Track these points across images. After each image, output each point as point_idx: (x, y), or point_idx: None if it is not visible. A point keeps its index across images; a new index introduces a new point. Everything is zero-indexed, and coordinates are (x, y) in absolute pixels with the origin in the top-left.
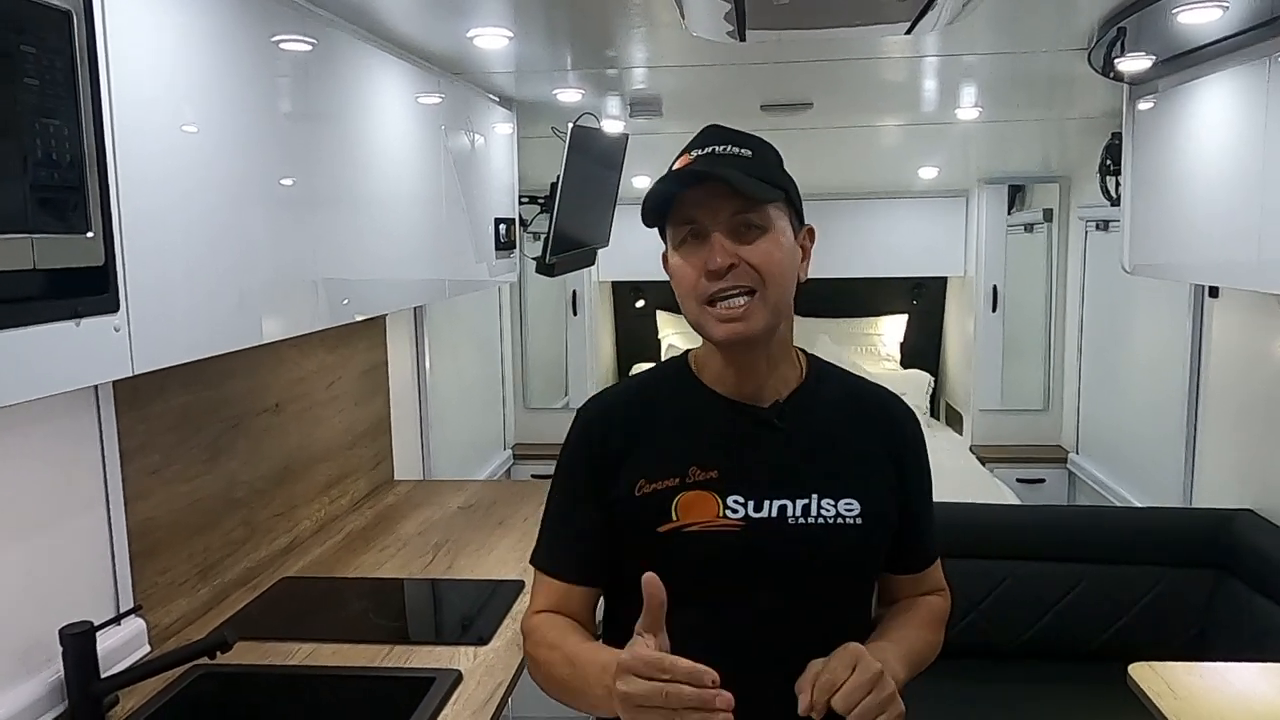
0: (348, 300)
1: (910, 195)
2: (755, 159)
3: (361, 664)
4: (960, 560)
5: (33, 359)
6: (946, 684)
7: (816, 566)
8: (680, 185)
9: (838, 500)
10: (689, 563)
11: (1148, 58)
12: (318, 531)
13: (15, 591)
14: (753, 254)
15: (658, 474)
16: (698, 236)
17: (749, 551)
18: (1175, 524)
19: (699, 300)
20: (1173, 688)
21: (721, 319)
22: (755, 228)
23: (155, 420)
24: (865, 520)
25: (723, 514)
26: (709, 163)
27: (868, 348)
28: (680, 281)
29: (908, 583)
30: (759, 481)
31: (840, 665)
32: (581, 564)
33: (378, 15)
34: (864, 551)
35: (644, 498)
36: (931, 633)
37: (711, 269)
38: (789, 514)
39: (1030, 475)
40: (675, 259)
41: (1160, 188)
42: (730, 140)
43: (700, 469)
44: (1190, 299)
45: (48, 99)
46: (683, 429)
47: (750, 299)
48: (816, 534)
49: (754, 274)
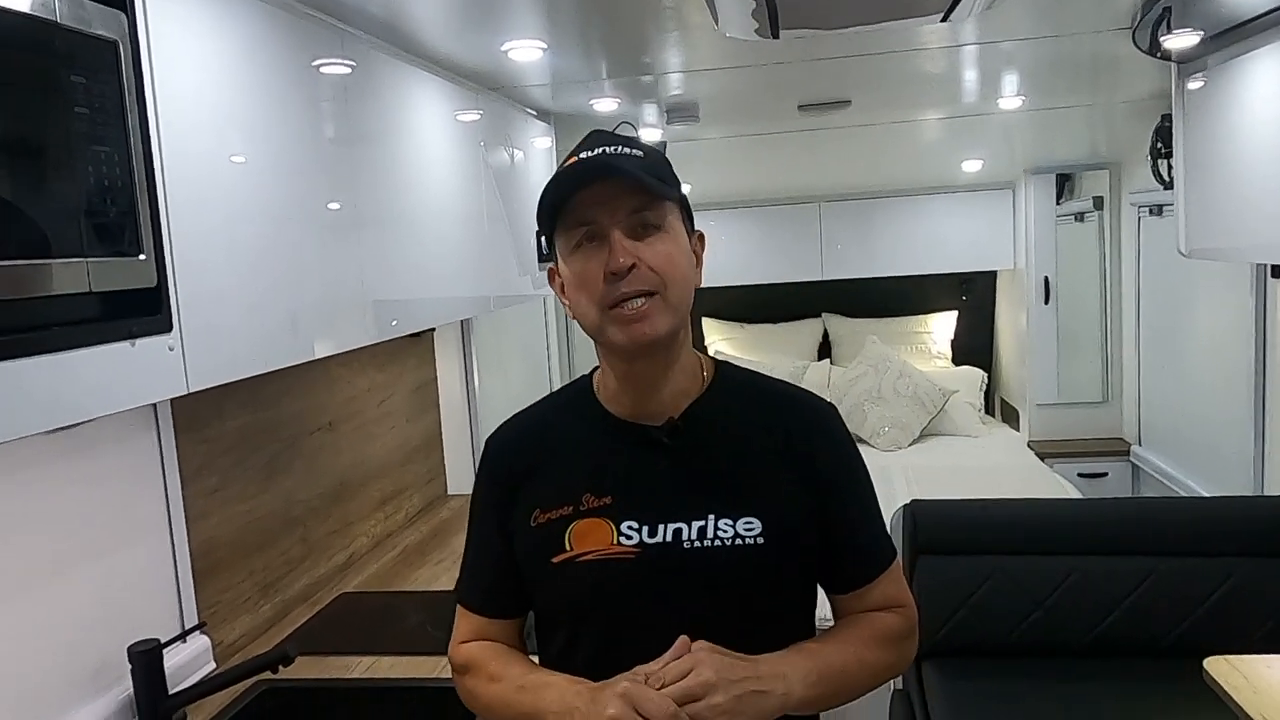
0: (396, 320)
1: (955, 189)
2: (647, 158)
3: (420, 676)
4: (1022, 558)
5: (91, 379)
6: (1014, 684)
7: (716, 591)
8: (578, 181)
9: (736, 520)
10: (583, 593)
11: (1195, 34)
12: (374, 547)
13: (86, 611)
14: (652, 255)
15: (552, 503)
16: (593, 239)
17: (644, 579)
18: (1246, 513)
19: (600, 306)
20: (1251, 681)
21: (623, 322)
22: (652, 226)
23: (213, 442)
24: (768, 539)
25: (617, 541)
26: (600, 162)
27: (918, 346)
28: (580, 287)
29: (852, 600)
30: (653, 505)
31: (676, 670)
32: (497, 598)
33: (413, 33)
34: (768, 572)
35: (539, 528)
36: (870, 652)
37: (613, 269)
38: (684, 537)
39: (1092, 469)
40: (572, 265)
41: (1215, 168)
42: (618, 142)
43: (594, 496)
44: (1252, 279)
45: (98, 127)
46: (578, 455)
47: (650, 300)
48: (713, 557)
49: (654, 276)
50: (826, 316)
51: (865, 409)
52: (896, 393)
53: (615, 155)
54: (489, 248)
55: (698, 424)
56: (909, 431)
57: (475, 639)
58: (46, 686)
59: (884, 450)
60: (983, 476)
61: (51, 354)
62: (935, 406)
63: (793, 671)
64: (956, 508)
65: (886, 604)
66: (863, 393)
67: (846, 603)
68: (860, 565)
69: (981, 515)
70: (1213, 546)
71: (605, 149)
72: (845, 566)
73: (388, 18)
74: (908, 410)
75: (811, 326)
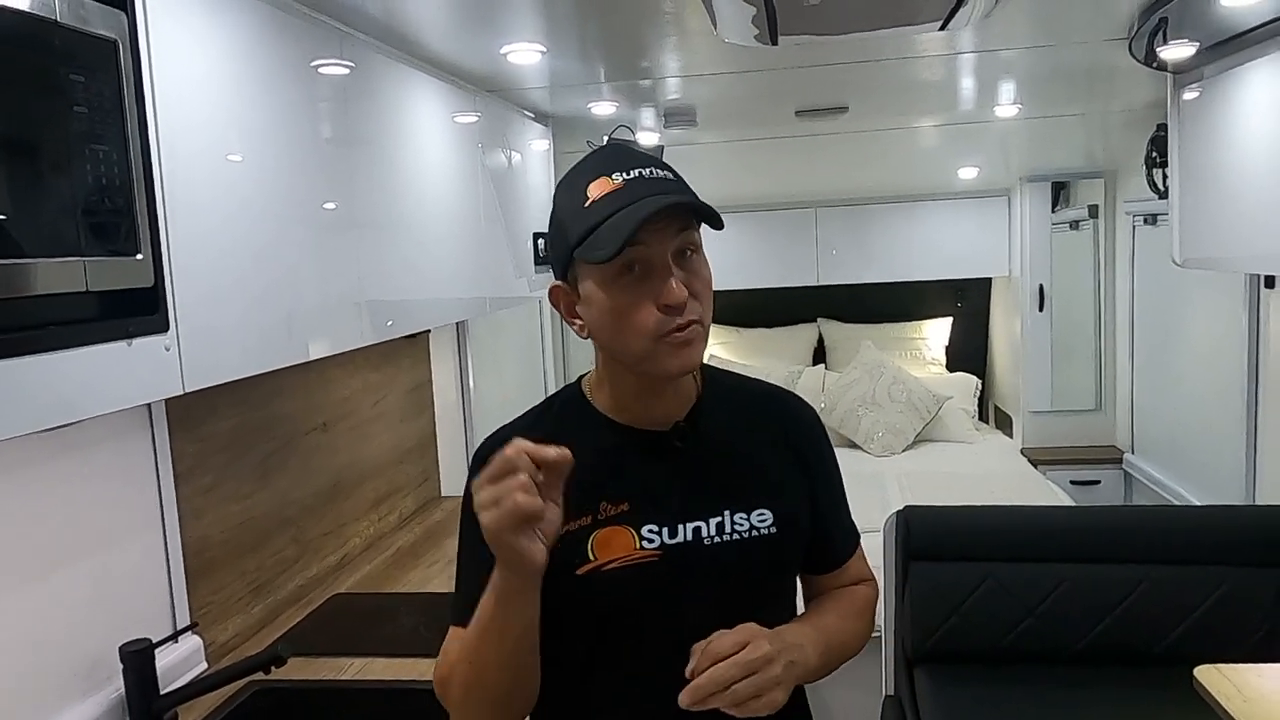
0: (391, 320)
1: (950, 196)
2: (676, 177)
3: (413, 678)
4: (1014, 565)
5: (87, 379)
6: (1005, 691)
7: (738, 581)
8: (640, 215)
9: (750, 513)
10: (612, 599)
11: (1191, 45)
12: (367, 548)
13: (78, 610)
14: (699, 283)
15: (569, 514)
16: (637, 268)
17: (670, 578)
18: (1238, 522)
19: (653, 337)
20: (1241, 690)
21: (676, 349)
22: (691, 251)
23: (208, 441)
24: (779, 528)
25: (640, 546)
26: (649, 187)
27: (912, 352)
28: (626, 319)
29: (827, 579)
30: (670, 507)
31: (731, 641)
32: None
33: (412, 35)
34: (781, 559)
35: (557, 541)
36: (854, 622)
37: (674, 304)
38: (704, 535)
39: (1085, 477)
40: (614, 296)
41: (1210, 178)
42: (647, 162)
43: (610, 504)
44: (1245, 290)
45: (96, 126)
46: (587, 464)
47: (696, 326)
48: (734, 550)
49: (697, 304)
50: (821, 322)
51: (859, 414)
52: (890, 398)
53: (654, 178)
54: (485, 249)
55: (700, 426)
56: (903, 437)
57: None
58: (37, 685)
59: (877, 456)
60: (976, 483)
61: (48, 353)
62: (929, 412)
63: (808, 642)
64: (949, 514)
65: (858, 579)
66: (857, 398)
67: (824, 581)
68: (841, 545)
69: (974, 522)
70: (1204, 555)
71: (641, 171)
72: (830, 547)
73: (387, 19)
74: (901, 416)
75: (806, 331)
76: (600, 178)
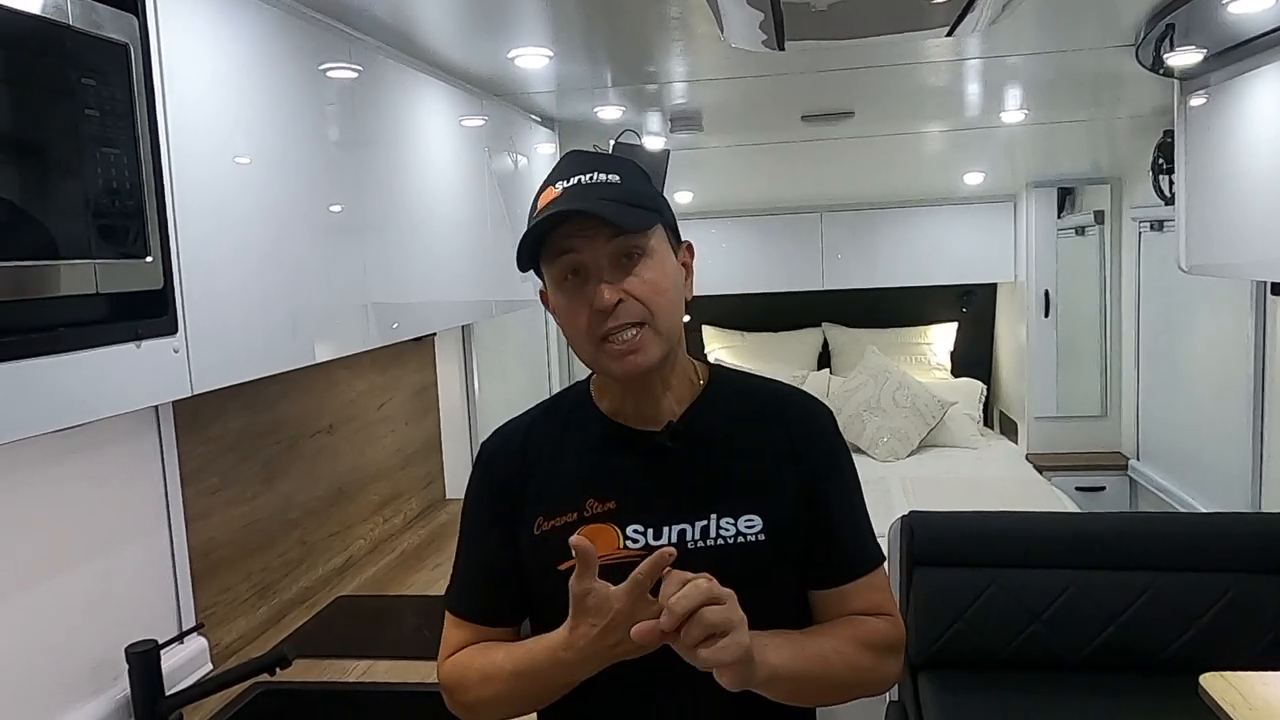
0: (397, 323)
1: (956, 201)
2: (625, 184)
3: (417, 680)
4: (1019, 570)
5: (97, 380)
6: (1009, 697)
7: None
8: (551, 226)
9: (738, 518)
10: None
11: (1198, 51)
12: (372, 551)
13: (84, 611)
14: (637, 286)
15: (556, 510)
16: (577, 272)
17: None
18: (1244, 529)
19: (592, 340)
20: (1247, 698)
21: (616, 355)
22: (636, 253)
23: (214, 442)
24: (769, 536)
25: (623, 545)
26: (579, 194)
27: (917, 357)
28: (569, 322)
29: (833, 599)
30: (656, 508)
31: (695, 581)
32: (493, 605)
33: (420, 39)
34: (770, 568)
35: (543, 535)
36: (852, 646)
37: (599, 308)
38: (688, 537)
39: (1090, 483)
40: (559, 298)
41: (1216, 184)
42: (596, 167)
43: (598, 501)
44: (1251, 296)
45: (107, 129)
46: (579, 461)
47: (641, 330)
48: (717, 555)
49: (641, 307)
50: (826, 326)
51: (864, 419)
52: (895, 403)
53: (592, 184)
54: (491, 253)
55: (696, 426)
56: (907, 442)
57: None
58: (43, 686)
59: (882, 461)
60: (980, 489)
61: (58, 355)
62: (934, 418)
63: (770, 642)
64: (954, 519)
65: (871, 610)
66: (862, 403)
67: (827, 600)
68: (840, 562)
69: (979, 527)
70: (1210, 562)
71: (580, 178)
72: (825, 561)
73: (395, 23)
74: (906, 421)
75: (811, 336)
76: (549, 187)
